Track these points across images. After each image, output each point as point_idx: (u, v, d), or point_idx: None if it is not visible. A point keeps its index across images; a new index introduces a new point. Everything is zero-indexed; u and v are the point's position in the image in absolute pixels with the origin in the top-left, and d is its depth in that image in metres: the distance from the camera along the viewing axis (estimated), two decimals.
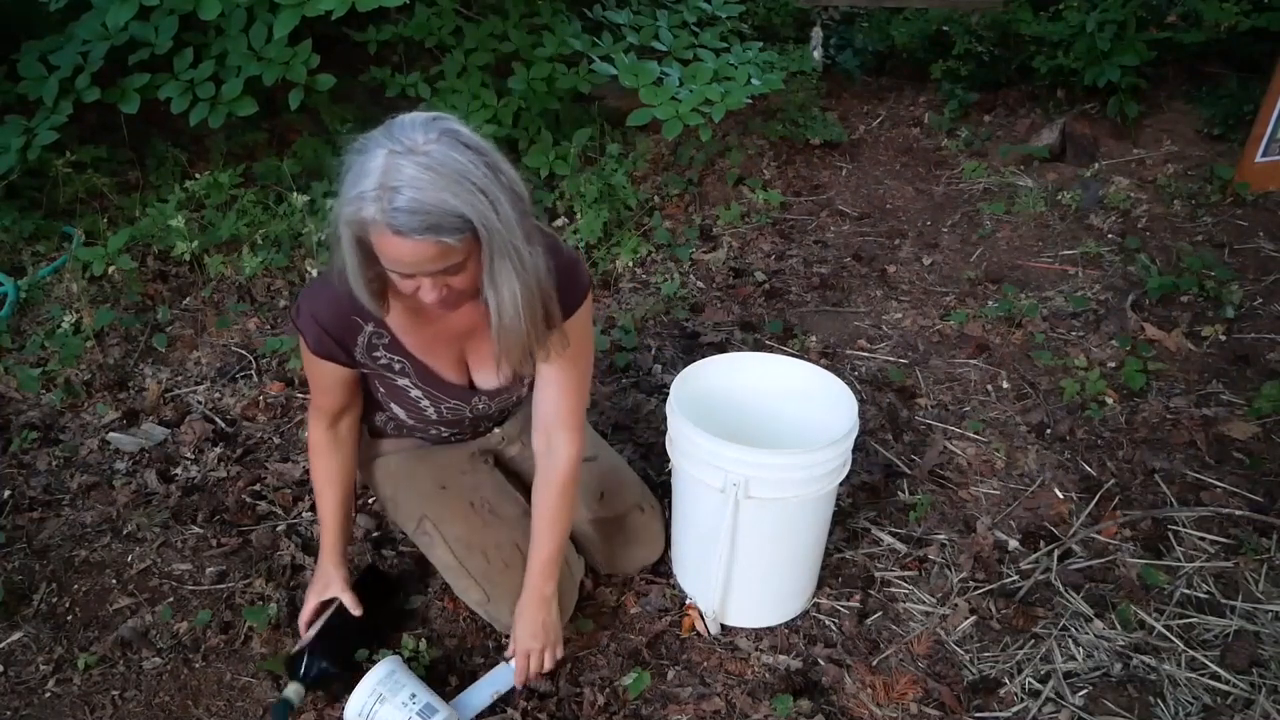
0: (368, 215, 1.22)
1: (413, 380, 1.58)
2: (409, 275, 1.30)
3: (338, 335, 1.49)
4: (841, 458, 1.64)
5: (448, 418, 1.66)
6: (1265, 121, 3.15)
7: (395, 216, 1.20)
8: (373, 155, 1.23)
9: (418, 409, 1.63)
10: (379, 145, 1.23)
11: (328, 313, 1.47)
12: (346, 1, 2.64)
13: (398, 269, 1.29)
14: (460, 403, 1.63)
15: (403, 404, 1.63)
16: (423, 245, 1.23)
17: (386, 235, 1.23)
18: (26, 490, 2.05)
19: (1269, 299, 2.73)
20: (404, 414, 1.65)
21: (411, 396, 1.61)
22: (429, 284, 1.31)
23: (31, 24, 3.19)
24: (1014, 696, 1.61)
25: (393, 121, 1.27)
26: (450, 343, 1.57)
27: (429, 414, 1.64)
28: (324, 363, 1.52)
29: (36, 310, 2.72)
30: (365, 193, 1.22)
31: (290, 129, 3.64)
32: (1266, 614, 1.76)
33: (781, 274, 2.97)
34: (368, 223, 1.23)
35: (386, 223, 1.21)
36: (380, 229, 1.22)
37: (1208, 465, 2.14)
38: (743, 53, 3.42)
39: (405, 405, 1.63)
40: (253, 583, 1.81)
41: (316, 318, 1.48)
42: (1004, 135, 3.88)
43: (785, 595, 1.75)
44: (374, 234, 1.24)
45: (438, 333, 1.55)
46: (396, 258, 1.26)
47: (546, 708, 1.57)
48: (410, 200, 1.20)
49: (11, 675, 1.64)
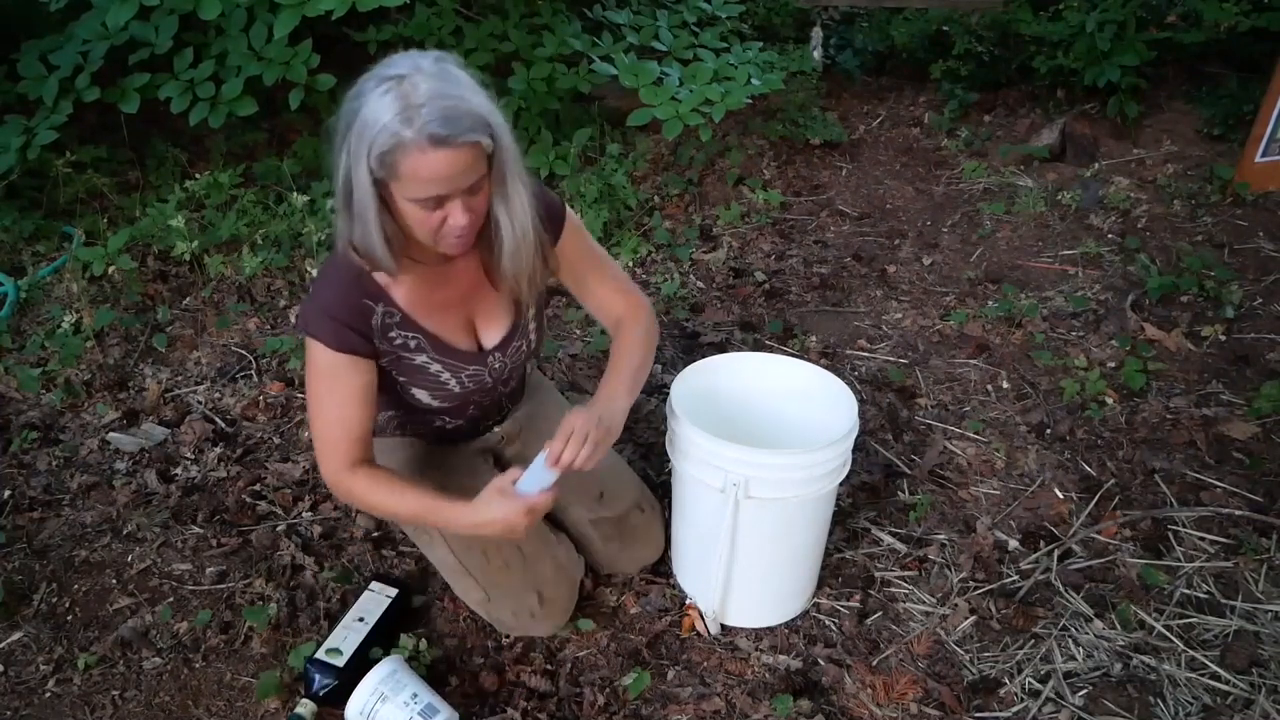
0: (400, 140, 1.23)
1: (430, 355, 1.56)
2: (440, 201, 1.30)
3: (354, 324, 1.47)
4: (841, 458, 1.64)
5: (470, 388, 1.63)
6: (1265, 121, 3.15)
7: (431, 128, 1.22)
8: (376, 93, 1.25)
9: (440, 384, 1.59)
10: (379, 83, 1.25)
11: (340, 303, 1.46)
12: (347, 2, 2.64)
13: (433, 190, 1.29)
14: (479, 367, 1.62)
15: (425, 385, 1.59)
16: (461, 153, 1.26)
17: (425, 153, 1.24)
18: (26, 490, 2.05)
19: (1269, 299, 2.73)
20: (427, 396, 1.60)
21: (432, 372, 1.58)
22: (460, 207, 1.32)
23: (31, 24, 3.20)
24: (1014, 696, 1.61)
25: (376, 66, 1.29)
26: (456, 309, 1.58)
27: (452, 387, 1.61)
28: (347, 365, 1.48)
29: (36, 310, 2.72)
30: (387, 124, 1.23)
31: (290, 129, 3.64)
32: (1266, 614, 1.76)
33: (781, 274, 2.98)
34: (400, 148, 1.24)
35: (426, 137, 1.23)
36: (416, 149, 1.23)
37: (1208, 465, 2.14)
38: (743, 53, 3.42)
39: (428, 385, 1.59)
40: (253, 583, 1.81)
41: (329, 311, 1.46)
42: (1004, 135, 3.88)
43: (785, 595, 1.75)
44: (407, 160, 1.25)
45: (444, 301, 1.55)
46: (433, 175, 1.27)
47: (546, 708, 1.57)
48: (441, 109, 1.23)
49: (11, 675, 1.64)
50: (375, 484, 1.52)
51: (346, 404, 1.50)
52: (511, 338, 1.64)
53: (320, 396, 1.51)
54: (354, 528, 1.95)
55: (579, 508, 1.79)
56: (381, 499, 1.52)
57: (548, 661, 1.66)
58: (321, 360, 1.48)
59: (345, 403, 1.50)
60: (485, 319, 1.62)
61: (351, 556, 1.88)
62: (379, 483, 1.52)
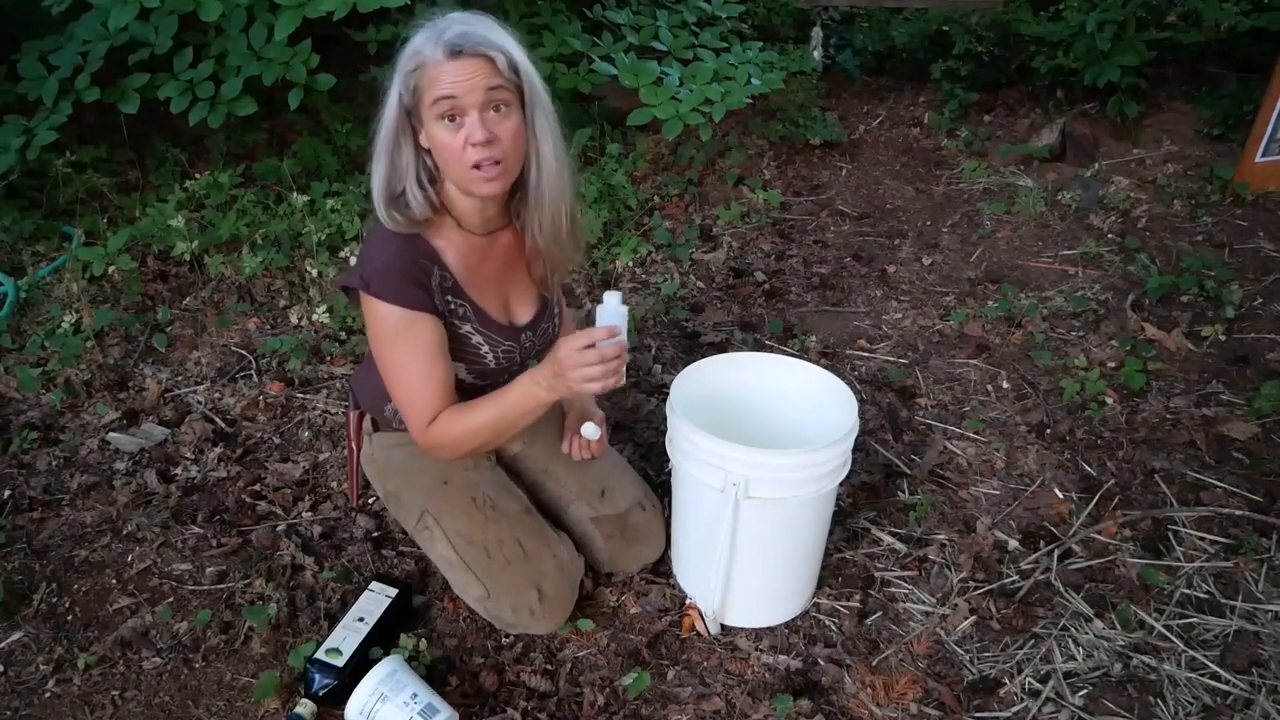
0: (423, 58, 1.38)
1: (474, 325, 1.60)
2: (457, 115, 1.40)
3: (418, 279, 1.50)
4: (841, 458, 1.64)
5: (503, 364, 1.67)
6: (1265, 121, 3.16)
7: (448, 42, 1.37)
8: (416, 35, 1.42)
9: (479, 357, 1.63)
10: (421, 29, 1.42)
11: (401, 261, 1.48)
12: (348, 2, 2.64)
13: (450, 93, 1.38)
14: (513, 344, 1.67)
15: (464, 357, 1.62)
16: (475, 61, 1.38)
17: (441, 65, 1.38)
18: (26, 490, 2.05)
19: (1269, 299, 2.73)
20: (462, 370, 1.63)
21: (474, 344, 1.62)
22: (477, 122, 1.40)
23: (32, 24, 3.19)
24: (1014, 696, 1.61)
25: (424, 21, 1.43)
26: (495, 284, 1.64)
27: (489, 361, 1.65)
28: (419, 322, 1.49)
29: (36, 310, 2.72)
30: (416, 49, 1.40)
31: (290, 129, 3.64)
32: (1266, 614, 1.76)
33: (781, 274, 2.98)
34: (423, 66, 1.38)
35: (442, 49, 1.37)
36: (434, 64, 1.38)
37: (1208, 465, 2.14)
38: (743, 53, 3.43)
39: (467, 357, 1.62)
40: (253, 583, 1.81)
41: (393, 270, 1.47)
42: (1004, 135, 3.88)
43: (785, 595, 1.75)
44: (427, 73, 1.38)
45: (487, 274, 1.61)
46: (447, 81, 1.38)
47: (546, 708, 1.57)
48: (461, 30, 1.40)
49: (11, 675, 1.64)
50: (454, 417, 1.54)
51: (432, 359, 1.52)
52: (541, 318, 1.72)
53: (398, 359, 1.52)
54: (354, 528, 1.95)
55: (581, 505, 1.79)
56: (466, 425, 1.53)
57: (548, 661, 1.66)
58: (391, 321, 1.49)
59: (429, 358, 1.52)
60: (518, 298, 1.69)
61: (351, 556, 1.88)
62: (456, 414, 1.54)
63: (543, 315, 1.73)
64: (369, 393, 1.80)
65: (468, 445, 1.58)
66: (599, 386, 1.41)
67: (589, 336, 1.39)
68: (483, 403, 1.54)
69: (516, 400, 1.51)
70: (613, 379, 1.41)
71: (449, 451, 1.59)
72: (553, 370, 1.44)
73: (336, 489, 2.06)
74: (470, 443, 1.57)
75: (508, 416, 1.53)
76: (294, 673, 1.62)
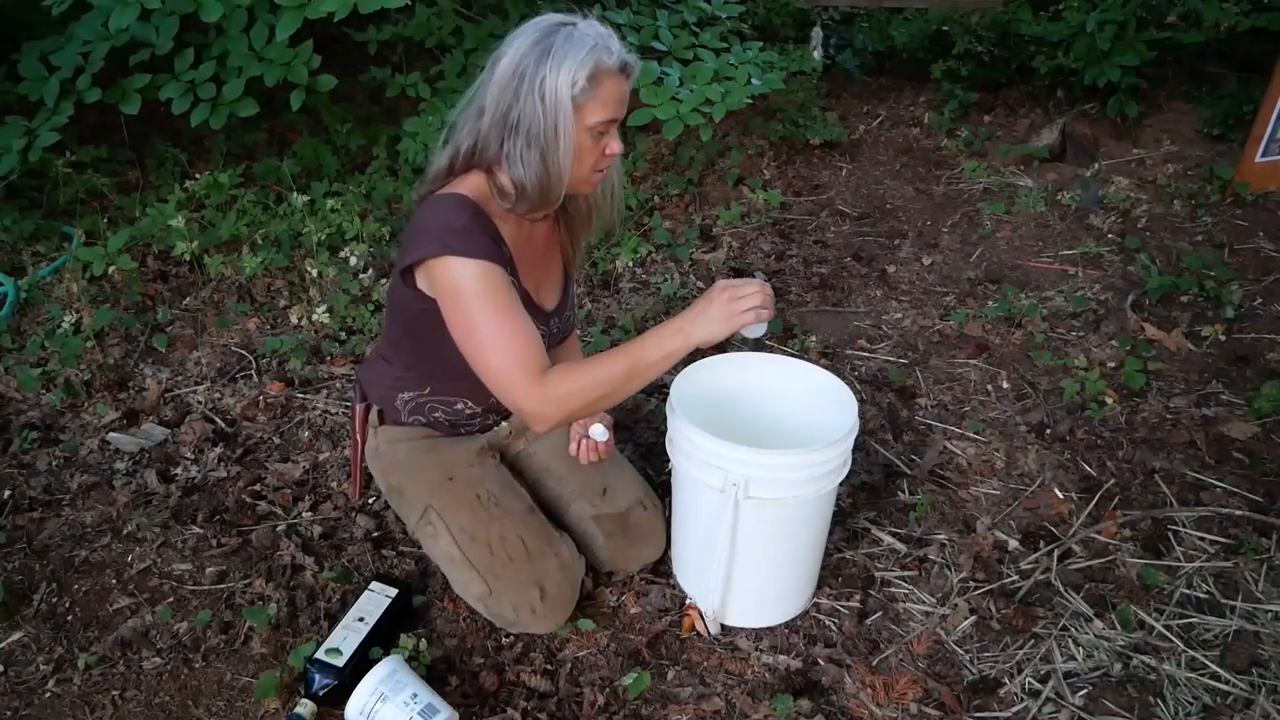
0: (603, 65, 1.42)
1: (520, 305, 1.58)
2: (608, 127, 1.49)
3: (495, 237, 1.53)
4: (841, 458, 1.64)
5: None
6: (1265, 121, 3.16)
7: (622, 55, 1.45)
8: (559, 36, 1.42)
9: None
10: (552, 29, 1.44)
11: (473, 222, 1.49)
12: (349, 3, 2.64)
13: (613, 112, 1.47)
14: (543, 327, 1.68)
15: None
16: (629, 83, 1.48)
17: (615, 79, 1.44)
18: (26, 490, 2.05)
19: (1269, 299, 2.73)
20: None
21: None
22: (617, 136, 1.52)
23: (32, 24, 3.20)
24: (1014, 696, 1.61)
25: (524, 28, 1.48)
26: (534, 268, 1.67)
27: None
28: (502, 275, 1.49)
29: (36, 310, 2.72)
30: (590, 53, 1.41)
31: (290, 129, 3.64)
32: (1266, 614, 1.76)
33: (781, 274, 2.98)
34: (603, 72, 1.42)
35: (621, 62, 1.44)
36: (609, 74, 1.43)
37: (1208, 465, 2.14)
38: (743, 53, 3.42)
39: None
40: (253, 583, 1.81)
41: (474, 229, 1.48)
42: (1004, 135, 3.88)
43: (785, 595, 1.75)
44: (604, 84, 1.43)
45: (530, 258, 1.65)
46: (620, 98, 1.47)
47: (546, 708, 1.57)
48: (619, 45, 1.46)
49: (11, 675, 1.64)
50: (574, 368, 1.48)
51: (524, 311, 1.51)
52: (563, 305, 1.77)
53: (492, 314, 1.46)
54: (354, 528, 1.95)
55: (582, 503, 1.79)
56: (593, 375, 1.47)
57: (548, 661, 1.66)
58: (482, 276, 1.46)
59: (521, 309, 1.50)
60: (548, 285, 1.74)
61: (351, 556, 1.88)
62: (575, 366, 1.49)
63: (565, 304, 1.78)
64: (381, 384, 1.80)
65: (588, 397, 1.47)
66: (754, 316, 1.45)
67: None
68: (606, 355, 1.48)
69: (653, 344, 1.45)
70: (767, 311, 1.47)
71: (561, 407, 1.47)
72: (703, 305, 1.45)
73: (336, 489, 2.06)
74: (592, 394, 1.47)
75: (639, 365, 1.46)
76: (294, 673, 1.62)
